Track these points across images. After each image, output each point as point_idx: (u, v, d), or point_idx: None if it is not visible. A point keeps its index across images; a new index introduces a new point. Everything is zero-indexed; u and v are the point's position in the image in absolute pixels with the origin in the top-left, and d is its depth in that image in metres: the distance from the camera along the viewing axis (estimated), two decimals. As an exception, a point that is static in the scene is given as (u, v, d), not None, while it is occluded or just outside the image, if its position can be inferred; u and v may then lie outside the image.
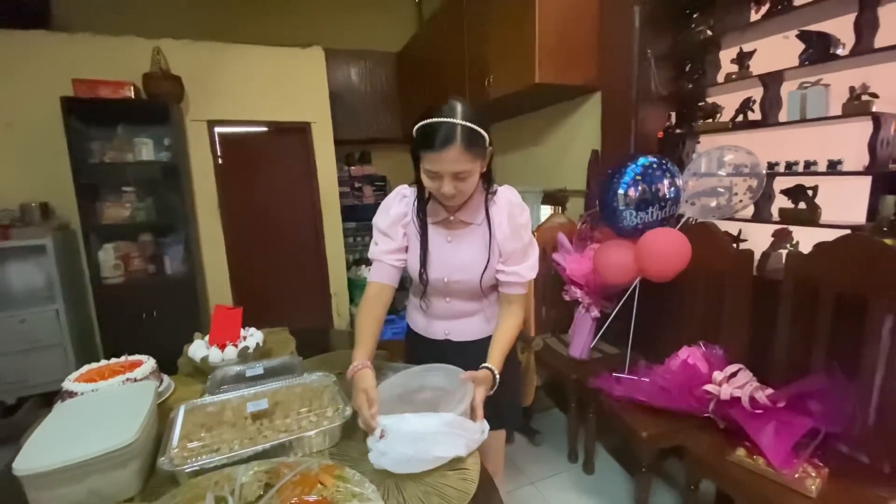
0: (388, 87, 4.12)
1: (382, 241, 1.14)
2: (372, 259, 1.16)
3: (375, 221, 1.16)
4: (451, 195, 1.00)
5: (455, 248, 1.12)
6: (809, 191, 1.54)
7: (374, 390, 0.94)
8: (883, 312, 1.20)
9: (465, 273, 1.12)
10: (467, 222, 1.12)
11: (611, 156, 2.23)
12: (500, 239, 1.10)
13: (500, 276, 1.13)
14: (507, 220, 1.10)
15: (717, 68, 1.91)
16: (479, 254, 1.11)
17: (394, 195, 1.17)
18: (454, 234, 1.12)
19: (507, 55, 2.35)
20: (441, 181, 0.98)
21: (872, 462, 1.26)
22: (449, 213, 1.11)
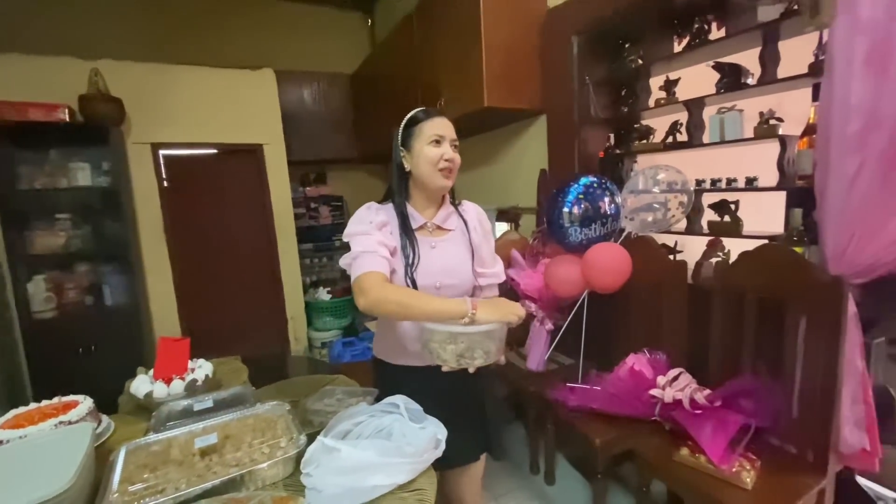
0: (343, 108, 4.15)
1: (369, 237, 1.07)
2: (361, 253, 1.05)
3: (353, 229, 1.10)
4: (452, 158, 1.12)
5: (441, 253, 1.16)
6: (732, 205, 1.69)
7: None
8: (797, 314, 1.34)
9: (454, 276, 1.16)
10: (445, 228, 1.20)
11: (558, 175, 2.34)
12: (475, 242, 1.20)
13: (480, 280, 1.22)
14: (479, 224, 1.23)
15: (648, 94, 2.07)
16: (464, 256, 1.19)
17: (366, 209, 1.16)
18: (436, 240, 1.17)
19: (458, 79, 2.44)
20: (444, 145, 1.11)
21: (799, 452, 1.37)
22: (427, 219, 1.17)
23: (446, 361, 0.99)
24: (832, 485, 1.34)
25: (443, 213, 1.19)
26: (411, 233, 1.14)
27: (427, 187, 1.15)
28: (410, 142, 1.13)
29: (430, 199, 1.19)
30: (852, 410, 1.29)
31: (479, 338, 0.97)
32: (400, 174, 1.16)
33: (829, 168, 1.27)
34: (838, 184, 1.26)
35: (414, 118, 1.14)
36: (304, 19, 4.18)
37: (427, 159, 1.11)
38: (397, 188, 1.17)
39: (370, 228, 1.09)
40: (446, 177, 1.13)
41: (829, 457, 1.30)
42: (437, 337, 0.98)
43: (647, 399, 1.54)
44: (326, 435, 0.96)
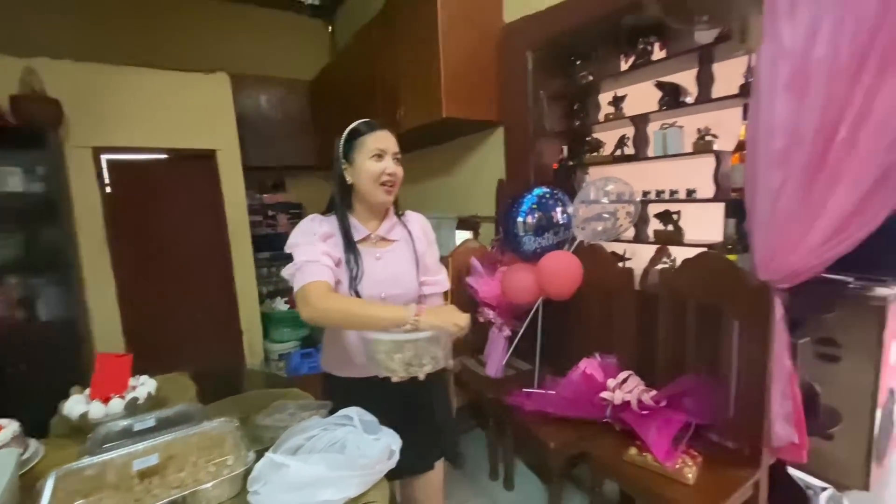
0: (302, 114, 4.09)
1: (313, 247, 1.07)
2: (304, 263, 1.05)
3: (295, 240, 1.10)
4: (394, 173, 1.12)
5: (386, 264, 1.17)
6: (674, 215, 1.79)
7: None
8: (732, 318, 1.43)
9: (399, 287, 1.16)
10: (389, 239, 1.20)
11: (515, 184, 2.41)
12: (420, 251, 1.21)
13: (424, 289, 1.22)
14: (423, 234, 1.24)
15: (598, 109, 2.18)
16: (409, 266, 1.20)
17: (309, 220, 1.15)
18: (381, 251, 1.18)
19: (417, 90, 2.47)
20: (385, 160, 1.12)
21: (736, 446, 1.46)
22: (370, 230, 1.17)
23: (395, 371, 0.99)
24: (766, 476, 1.43)
25: (387, 224, 1.20)
26: (354, 245, 1.14)
27: (368, 201, 1.15)
28: (352, 154, 1.12)
29: (373, 211, 1.19)
30: (782, 406, 1.39)
31: (424, 344, 0.98)
32: (342, 186, 1.16)
33: (757, 182, 1.38)
34: (765, 196, 1.36)
35: (356, 130, 1.13)
36: (264, 24, 4.11)
37: (368, 174, 1.11)
38: (339, 200, 1.16)
39: (314, 239, 1.09)
40: (387, 191, 1.14)
41: (763, 450, 1.39)
42: (383, 347, 0.98)
43: (599, 401, 1.60)
44: (276, 450, 0.94)
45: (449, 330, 0.98)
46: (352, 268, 1.11)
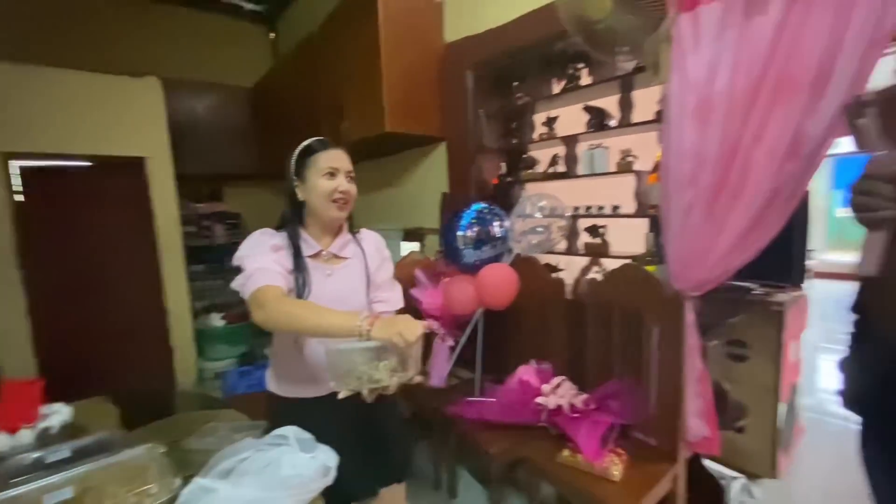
0: (242, 121, 3.96)
1: (265, 257, 1.06)
2: (256, 270, 1.03)
3: (245, 251, 1.08)
4: (347, 190, 1.12)
5: (336, 281, 1.15)
6: (601, 229, 1.92)
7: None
8: (651, 324, 1.56)
9: (347, 304, 1.13)
10: (341, 257, 1.19)
11: (458, 198, 2.47)
12: (372, 269, 1.21)
13: (376, 306, 1.21)
14: (376, 252, 1.24)
15: (533, 128, 2.30)
16: (359, 284, 1.19)
17: (260, 233, 1.13)
18: (332, 268, 1.16)
19: (360, 104, 2.48)
20: (338, 178, 1.11)
21: (657, 443, 1.59)
22: (323, 247, 1.16)
23: (380, 381, 0.94)
24: (684, 470, 1.56)
25: (339, 241, 1.20)
26: (303, 260, 1.12)
27: (320, 217, 1.15)
28: (304, 172, 1.12)
29: (326, 228, 1.18)
30: (695, 403, 1.53)
31: (398, 349, 0.94)
32: (293, 202, 1.15)
33: (670, 200, 1.52)
34: (676, 213, 1.51)
35: (309, 148, 1.13)
36: (201, 28, 3.97)
37: (321, 192, 1.10)
38: (290, 216, 1.16)
39: (264, 249, 1.08)
40: (340, 208, 1.13)
41: (679, 445, 1.52)
42: (362, 358, 0.94)
43: (535, 407, 1.67)
44: (206, 475, 0.91)
45: (396, 342, 0.92)
46: (300, 283, 1.09)
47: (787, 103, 1.28)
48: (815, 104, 1.23)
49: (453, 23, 2.39)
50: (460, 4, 2.34)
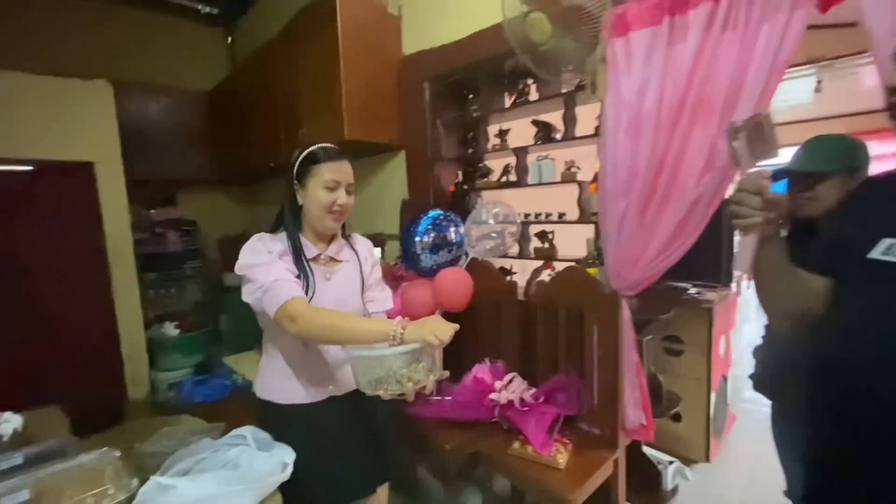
0: (198, 126, 3.88)
1: (275, 266, 1.06)
2: (274, 282, 1.03)
3: (252, 260, 1.08)
4: (344, 204, 1.15)
5: (335, 284, 1.19)
6: (550, 234, 2.06)
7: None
8: (591, 322, 1.69)
9: (347, 306, 1.18)
10: (338, 259, 1.24)
11: (416, 205, 2.55)
12: (367, 269, 1.27)
13: (369, 306, 1.26)
14: (369, 255, 1.30)
15: (487, 139, 2.42)
16: (356, 287, 1.24)
17: (259, 240, 1.13)
18: (330, 271, 1.20)
19: (319, 111, 2.52)
20: (338, 192, 1.13)
21: (600, 432, 1.72)
22: (320, 250, 1.19)
23: (420, 381, 0.98)
24: (624, 455, 1.70)
25: (335, 245, 1.24)
26: (306, 263, 1.14)
27: (317, 227, 1.18)
28: (306, 179, 1.13)
29: (321, 235, 1.21)
30: (632, 393, 1.67)
31: (430, 350, 0.99)
32: (293, 206, 1.17)
33: (607, 207, 1.67)
34: (613, 220, 1.65)
35: (313, 156, 1.13)
36: (156, 30, 3.86)
37: (319, 203, 1.12)
38: (291, 220, 1.17)
39: (271, 258, 1.08)
40: (335, 220, 1.17)
41: (619, 433, 1.66)
42: (399, 362, 0.96)
43: (489, 403, 1.77)
44: (163, 474, 0.94)
45: (429, 340, 0.95)
46: (303, 286, 1.10)
47: (704, 122, 1.45)
48: (726, 123, 1.39)
49: (410, 37, 2.48)
50: (416, 20, 2.44)
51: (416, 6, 2.44)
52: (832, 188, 1.18)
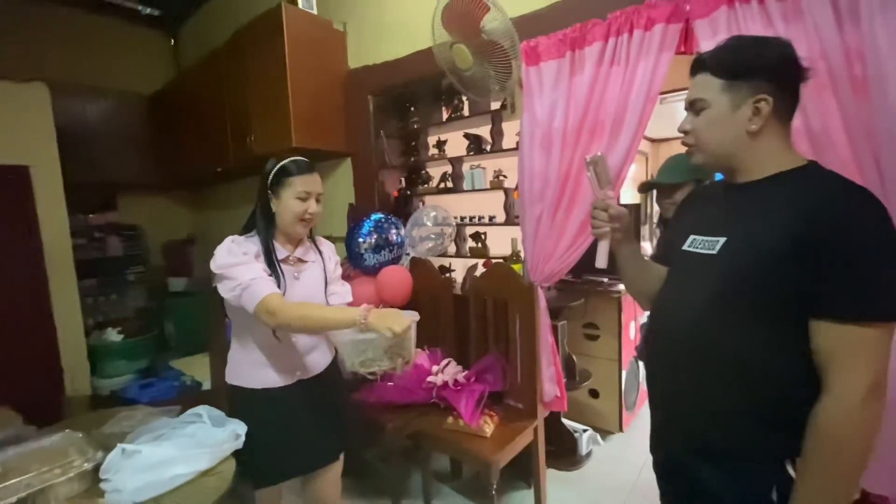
0: (139, 129, 3.84)
1: (252, 266, 1.18)
2: (252, 280, 1.15)
3: (228, 261, 1.18)
4: (314, 213, 1.28)
5: (303, 282, 1.32)
6: (482, 235, 2.31)
7: None
8: (514, 310, 1.95)
9: (314, 301, 1.31)
10: (305, 260, 1.36)
11: (362, 209, 2.73)
12: (331, 267, 1.42)
13: (330, 298, 1.39)
14: (332, 255, 1.46)
15: (427, 149, 2.64)
16: (321, 285, 1.37)
17: (232, 242, 1.23)
18: (298, 270, 1.33)
19: (267, 120, 2.63)
20: (309, 201, 1.26)
21: (522, 405, 1.97)
22: (289, 252, 1.32)
23: (405, 357, 1.13)
24: (542, 424, 1.96)
25: (302, 247, 1.37)
26: (278, 263, 1.27)
27: (287, 233, 1.31)
28: (279, 190, 1.25)
29: (289, 239, 1.34)
30: (547, 370, 1.94)
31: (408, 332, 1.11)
32: (266, 213, 1.28)
33: (525, 211, 1.93)
34: (530, 222, 1.92)
35: (286, 170, 1.25)
36: (95, 31, 3.78)
37: (292, 212, 1.24)
38: (264, 225, 1.28)
39: (248, 259, 1.19)
40: (305, 227, 1.30)
41: (538, 405, 1.92)
42: (386, 343, 1.09)
43: (427, 386, 1.98)
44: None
45: (383, 333, 1.06)
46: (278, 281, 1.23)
47: (598, 139, 1.75)
48: (613, 143, 1.70)
49: (355, 52, 2.66)
50: (360, 38, 2.62)
51: (360, 24, 2.62)
52: (685, 194, 1.50)
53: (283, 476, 1.33)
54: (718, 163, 0.92)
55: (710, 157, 0.91)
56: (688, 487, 0.93)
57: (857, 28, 1.20)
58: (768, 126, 0.84)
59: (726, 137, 0.87)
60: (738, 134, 0.86)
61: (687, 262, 0.96)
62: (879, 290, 0.72)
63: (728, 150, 0.88)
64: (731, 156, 0.89)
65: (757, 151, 0.86)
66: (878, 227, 0.74)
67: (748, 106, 0.83)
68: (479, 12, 1.70)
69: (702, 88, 0.88)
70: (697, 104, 0.89)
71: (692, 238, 0.96)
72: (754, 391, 0.82)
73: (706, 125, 0.89)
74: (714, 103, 0.86)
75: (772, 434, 0.82)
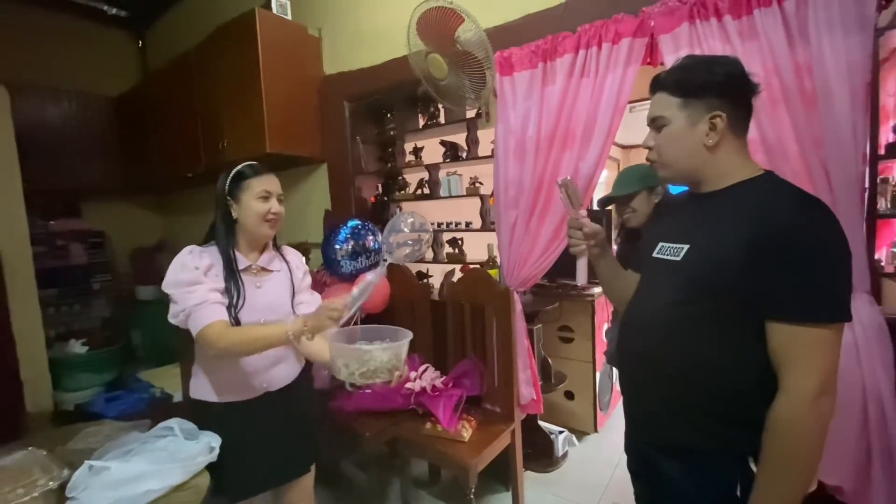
0: (106, 132, 3.71)
1: (200, 287, 1.15)
2: (195, 307, 1.14)
3: (179, 278, 1.16)
4: (278, 212, 1.27)
5: (265, 292, 1.28)
6: (459, 241, 2.33)
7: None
8: (491, 315, 1.98)
9: (277, 313, 1.26)
10: (269, 269, 1.32)
11: (339, 215, 2.72)
12: (298, 277, 1.37)
13: (299, 308, 1.34)
14: (301, 265, 1.43)
15: (403, 155, 2.66)
16: (286, 295, 1.33)
17: (188, 254, 1.21)
18: (261, 280, 1.29)
19: (240, 125, 2.59)
20: (271, 200, 1.25)
21: (499, 409, 2.00)
22: (252, 261, 1.29)
23: (399, 369, 1.15)
24: (520, 427, 1.99)
25: (266, 256, 1.33)
26: (237, 274, 1.24)
27: (253, 235, 1.27)
28: (238, 194, 1.24)
29: (254, 245, 1.31)
30: (524, 374, 1.97)
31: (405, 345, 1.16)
32: (227, 221, 1.26)
33: (501, 218, 1.97)
34: (506, 228, 1.95)
35: (241, 174, 1.25)
36: (57, 31, 3.64)
37: (255, 213, 1.23)
38: (224, 234, 1.26)
39: (198, 276, 1.16)
40: (272, 227, 1.27)
41: (515, 408, 1.95)
42: (386, 355, 1.11)
43: (405, 392, 1.98)
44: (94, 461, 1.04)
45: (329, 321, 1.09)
46: (233, 294, 1.21)
47: (570, 148, 1.80)
48: (584, 151, 1.75)
49: (330, 58, 2.65)
50: (335, 44, 2.62)
51: (335, 31, 2.62)
52: (641, 202, 1.58)
53: (252, 491, 1.30)
54: (681, 176, 0.97)
55: (672, 171, 0.96)
56: (656, 484, 0.97)
57: (807, 46, 1.29)
58: (725, 139, 0.89)
59: (686, 152, 0.92)
60: (697, 148, 0.90)
61: (655, 269, 1.00)
62: (825, 293, 0.77)
63: (689, 164, 0.93)
64: (693, 169, 0.93)
65: (716, 164, 0.91)
66: (825, 232, 0.79)
67: (704, 122, 0.88)
68: (453, 23, 1.73)
69: (661, 106, 0.93)
70: (658, 121, 0.94)
71: (660, 245, 1.01)
72: (716, 391, 0.86)
73: (667, 141, 0.93)
74: (673, 120, 0.91)
75: (733, 432, 0.86)
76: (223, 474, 1.19)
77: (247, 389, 1.27)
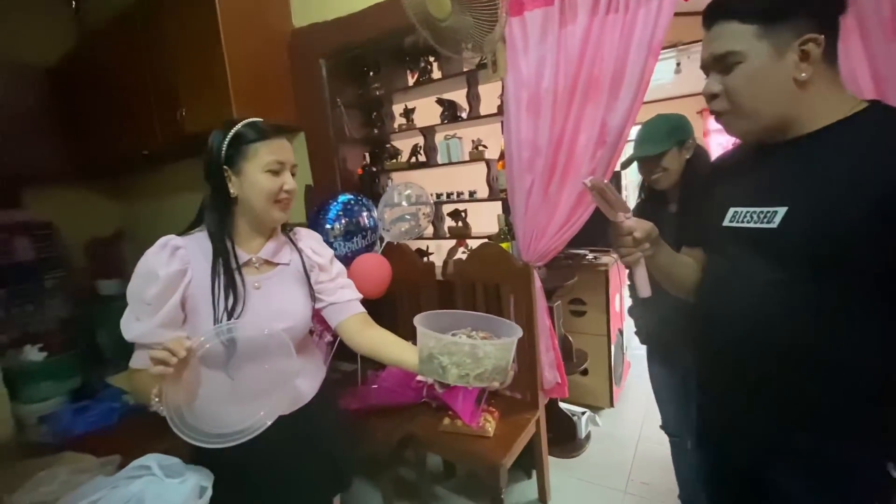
0: (41, 109, 3.24)
1: (150, 319, 0.88)
2: (132, 341, 0.91)
3: (134, 291, 0.90)
4: (292, 190, 0.97)
5: (267, 294, 0.97)
6: (462, 213, 2.09)
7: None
8: (507, 292, 1.77)
9: (287, 319, 0.97)
10: (274, 262, 1.01)
11: (322, 190, 2.42)
12: (319, 263, 1.07)
13: (342, 294, 1.10)
14: (318, 246, 1.10)
15: (392, 119, 2.36)
16: (297, 293, 1.02)
17: (160, 249, 0.91)
18: (261, 278, 0.98)
19: (201, 91, 2.23)
20: (284, 175, 0.95)
21: (522, 396, 1.82)
22: (252, 254, 0.98)
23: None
24: (543, 413, 1.83)
25: (272, 244, 1.01)
26: (235, 273, 0.94)
27: (259, 219, 0.97)
28: (241, 164, 0.92)
29: (258, 230, 1.00)
30: (546, 356, 1.79)
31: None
32: (222, 200, 0.95)
33: (514, 184, 1.73)
34: (520, 196, 1.72)
35: (243, 136, 0.93)
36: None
37: (263, 190, 0.92)
38: (218, 218, 0.95)
39: (157, 294, 0.87)
40: (283, 209, 0.97)
41: (539, 394, 1.77)
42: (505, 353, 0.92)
43: (416, 385, 1.78)
44: (47, 527, 0.79)
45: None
46: (228, 301, 0.91)
47: (595, 100, 1.56)
48: (613, 101, 1.51)
49: (300, 8, 2.29)
50: (305, -10, 2.26)
51: (303, -27, 2.25)
52: (673, 160, 1.35)
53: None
54: (764, 127, 0.75)
55: (753, 122, 0.75)
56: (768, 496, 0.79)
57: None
58: (818, 71, 0.69)
59: (772, 93, 0.71)
60: (787, 86, 0.70)
61: (735, 240, 0.80)
62: None
63: (775, 109, 0.72)
64: (780, 115, 0.73)
65: (809, 103, 0.71)
66: None
67: (794, 50, 0.68)
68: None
69: (729, 39, 0.71)
70: (728, 58, 0.72)
71: (733, 211, 0.81)
72: (852, 389, 0.69)
73: (745, 83, 0.72)
74: (750, 54, 0.70)
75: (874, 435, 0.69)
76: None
77: (242, 423, 0.96)
